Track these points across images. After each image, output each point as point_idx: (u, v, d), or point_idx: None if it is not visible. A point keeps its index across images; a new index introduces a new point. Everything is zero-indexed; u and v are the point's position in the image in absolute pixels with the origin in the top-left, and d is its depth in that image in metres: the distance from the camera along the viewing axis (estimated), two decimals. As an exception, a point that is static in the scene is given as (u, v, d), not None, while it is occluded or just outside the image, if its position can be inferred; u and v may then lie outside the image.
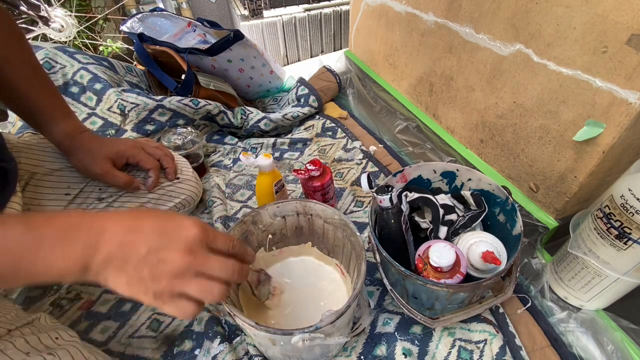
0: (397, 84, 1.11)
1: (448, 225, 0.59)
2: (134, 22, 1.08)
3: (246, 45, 1.02)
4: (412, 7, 0.92)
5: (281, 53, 1.58)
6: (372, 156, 0.92)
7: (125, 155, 0.60)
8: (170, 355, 0.54)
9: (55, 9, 1.32)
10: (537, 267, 0.66)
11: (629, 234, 0.47)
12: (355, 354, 0.54)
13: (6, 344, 0.37)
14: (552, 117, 0.62)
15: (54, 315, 0.58)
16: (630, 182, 0.46)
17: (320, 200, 0.70)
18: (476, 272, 0.54)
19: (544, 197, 0.69)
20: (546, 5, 0.58)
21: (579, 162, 0.60)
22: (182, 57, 0.95)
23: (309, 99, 1.07)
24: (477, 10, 0.72)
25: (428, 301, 0.53)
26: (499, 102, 0.73)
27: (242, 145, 0.96)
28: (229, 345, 0.54)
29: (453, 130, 0.90)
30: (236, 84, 1.14)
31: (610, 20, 0.50)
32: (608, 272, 0.52)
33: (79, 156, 0.57)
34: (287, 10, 1.50)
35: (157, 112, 0.86)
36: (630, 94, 0.50)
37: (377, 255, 0.55)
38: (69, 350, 0.40)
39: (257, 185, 0.69)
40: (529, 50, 0.63)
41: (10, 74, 0.52)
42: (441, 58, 0.87)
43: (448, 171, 0.64)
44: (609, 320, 0.57)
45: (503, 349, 0.53)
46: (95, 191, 0.61)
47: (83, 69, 0.84)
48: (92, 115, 0.83)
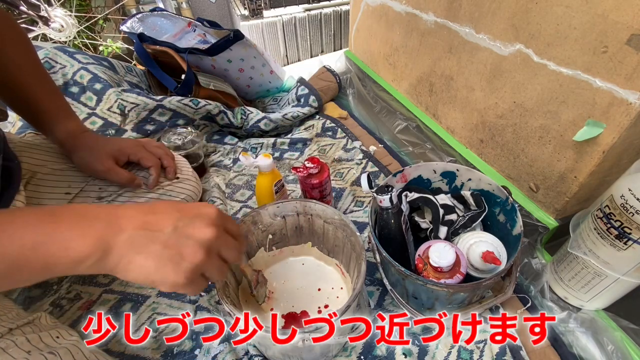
0: (397, 84, 1.11)
1: (448, 225, 0.59)
2: (134, 22, 1.08)
3: (246, 45, 1.02)
4: (412, 7, 0.92)
5: (281, 53, 1.58)
6: (372, 156, 0.92)
7: (126, 152, 0.60)
8: (170, 355, 0.54)
9: (55, 9, 1.32)
10: (537, 267, 0.66)
11: (629, 234, 0.47)
12: (355, 354, 0.54)
13: (7, 342, 0.37)
14: (552, 117, 0.62)
15: (54, 315, 0.58)
16: (630, 182, 0.46)
17: (317, 197, 0.70)
18: (476, 272, 0.54)
19: (544, 197, 0.69)
20: (546, 5, 0.58)
21: (579, 162, 0.60)
22: (182, 57, 0.95)
23: (309, 99, 1.07)
24: (477, 10, 0.72)
25: (428, 301, 0.53)
26: (499, 102, 0.73)
27: (242, 145, 0.96)
28: (229, 345, 0.54)
29: (453, 130, 0.90)
30: (236, 84, 1.14)
31: (610, 20, 0.50)
32: (608, 272, 0.52)
33: (81, 154, 0.57)
34: (287, 10, 1.50)
35: (157, 112, 0.86)
36: (630, 94, 0.50)
37: (377, 255, 0.55)
38: (70, 350, 0.40)
39: (257, 185, 0.69)
40: (529, 50, 0.63)
41: (15, 74, 0.52)
42: (441, 58, 0.87)
43: (448, 171, 0.64)
44: (609, 320, 0.57)
45: (503, 349, 0.53)
46: (95, 190, 0.61)
47: (83, 69, 0.84)
48: (92, 115, 0.83)
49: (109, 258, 0.30)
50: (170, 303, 0.61)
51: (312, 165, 0.66)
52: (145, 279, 0.32)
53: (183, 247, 0.32)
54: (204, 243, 0.33)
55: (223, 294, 0.44)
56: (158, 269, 0.31)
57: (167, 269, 0.32)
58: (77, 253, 0.29)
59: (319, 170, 0.68)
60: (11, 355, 0.36)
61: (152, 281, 0.32)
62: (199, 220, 0.34)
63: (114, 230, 0.31)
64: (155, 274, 0.31)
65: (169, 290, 0.33)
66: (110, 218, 0.31)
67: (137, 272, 0.31)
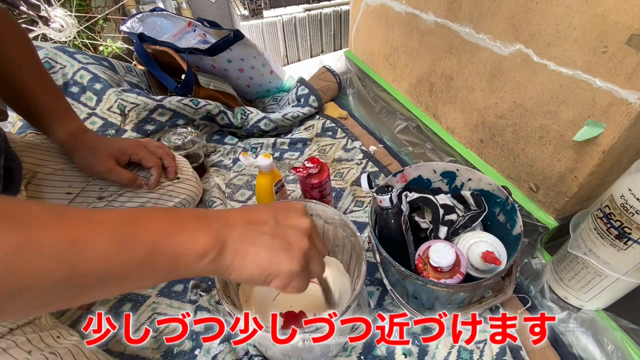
0: (397, 84, 1.11)
1: (448, 225, 0.59)
2: (134, 22, 1.08)
3: (246, 45, 1.02)
4: (412, 7, 0.92)
5: (281, 53, 1.58)
6: (372, 156, 0.92)
7: (127, 152, 0.61)
8: (170, 355, 0.54)
9: (55, 9, 1.32)
10: (537, 267, 0.66)
11: (629, 234, 0.47)
12: (355, 354, 0.54)
13: (8, 342, 0.37)
14: (552, 117, 0.62)
15: (54, 315, 0.58)
16: (630, 182, 0.46)
17: (317, 197, 0.70)
18: (476, 272, 0.54)
19: (544, 197, 0.69)
20: (546, 5, 0.58)
21: (579, 162, 0.60)
22: (182, 57, 0.95)
23: (309, 99, 1.07)
24: (477, 10, 0.72)
25: (428, 301, 0.53)
26: (499, 102, 0.73)
27: (242, 145, 0.96)
28: (229, 345, 0.54)
29: (453, 130, 0.90)
30: (236, 84, 1.14)
31: (610, 20, 0.50)
32: (608, 272, 0.52)
33: (82, 154, 0.58)
34: (287, 10, 1.50)
35: (157, 112, 0.86)
36: (630, 94, 0.50)
37: (377, 255, 0.55)
38: (71, 350, 0.40)
39: (257, 185, 0.69)
40: (529, 50, 0.63)
41: (16, 74, 0.52)
42: (441, 58, 0.87)
43: (448, 171, 0.64)
44: (609, 320, 0.57)
45: (503, 349, 0.53)
46: (96, 190, 0.61)
47: (83, 69, 0.84)
48: (92, 115, 0.83)
49: (225, 253, 0.31)
50: (170, 303, 0.61)
51: (312, 165, 0.66)
52: (262, 272, 0.32)
53: (289, 236, 0.34)
54: (305, 230, 0.35)
55: (223, 294, 0.44)
56: (272, 258, 0.32)
57: (281, 258, 0.32)
58: (202, 245, 0.29)
59: (319, 170, 0.68)
60: (12, 355, 0.36)
61: (268, 274, 0.32)
62: (293, 212, 0.36)
63: (227, 226, 0.32)
64: (270, 265, 0.32)
65: (284, 283, 0.33)
66: (221, 217, 0.33)
67: (254, 265, 0.32)
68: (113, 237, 0.26)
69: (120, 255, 0.26)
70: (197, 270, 0.30)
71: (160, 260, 0.28)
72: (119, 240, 0.26)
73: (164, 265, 0.28)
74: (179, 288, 0.63)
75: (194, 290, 0.62)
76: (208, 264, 0.30)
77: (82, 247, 0.24)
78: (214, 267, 0.31)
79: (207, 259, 0.30)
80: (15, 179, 0.50)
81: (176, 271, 0.29)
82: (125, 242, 0.26)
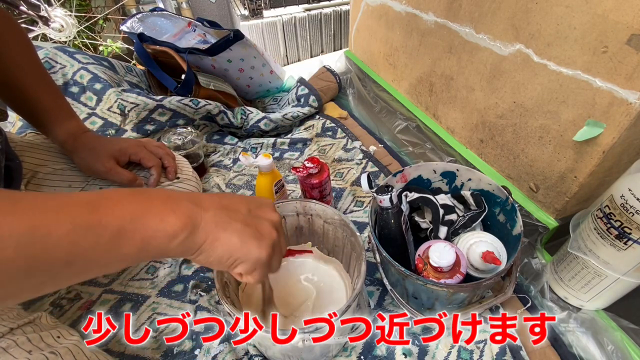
0: (397, 84, 1.11)
1: (448, 225, 0.59)
2: (134, 22, 1.08)
3: (246, 45, 1.02)
4: (412, 7, 0.92)
5: (281, 53, 1.58)
6: (372, 156, 0.92)
7: (127, 152, 0.61)
8: (170, 355, 0.54)
9: (55, 9, 1.32)
10: (537, 267, 0.66)
11: (629, 234, 0.47)
12: (355, 354, 0.54)
13: (9, 342, 0.37)
14: (552, 117, 0.62)
15: (54, 315, 0.58)
16: (630, 182, 0.46)
17: (317, 197, 0.70)
18: (476, 272, 0.54)
19: (544, 197, 0.69)
20: (546, 5, 0.58)
21: (579, 162, 0.60)
22: (182, 57, 0.95)
23: (309, 99, 1.07)
24: (477, 10, 0.72)
25: (428, 301, 0.53)
26: (499, 102, 0.73)
27: (242, 145, 0.96)
28: (229, 345, 0.54)
29: (453, 130, 0.90)
30: (236, 84, 1.14)
31: (611, 20, 0.50)
32: (608, 272, 0.52)
33: (83, 155, 0.58)
34: (287, 10, 1.50)
35: (157, 112, 0.86)
36: (630, 94, 0.50)
37: (377, 255, 0.55)
38: (71, 350, 0.40)
39: (257, 185, 0.69)
40: (529, 50, 0.63)
41: (16, 74, 0.52)
42: (441, 58, 0.87)
43: (448, 171, 0.64)
44: (609, 320, 0.57)
45: (503, 349, 0.53)
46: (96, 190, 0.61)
47: (83, 69, 0.84)
48: (92, 115, 0.83)
49: (197, 234, 0.31)
50: (170, 303, 0.61)
51: (312, 165, 0.66)
52: (230, 256, 0.33)
53: (260, 225, 0.35)
54: (276, 224, 0.37)
55: (223, 294, 0.44)
56: (243, 244, 0.33)
57: (251, 245, 0.33)
58: (172, 226, 0.29)
59: (319, 170, 0.68)
60: (12, 354, 0.36)
61: (235, 258, 0.33)
62: (265, 206, 0.38)
63: (199, 208, 0.32)
64: (240, 250, 0.33)
65: (248, 270, 0.35)
66: (193, 199, 0.33)
67: (223, 249, 0.32)
68: (75, 222, 0.26)
69: (85, 240, 0.26)
70: (170, 251, 0.30)
71: (129, 243, 0.28)
72: (82, 225, 0.26)
73: (134, 248, 0.28)
74: (179, 288, 0.63)
75: (194, 290, 0.62)
76: (179, 245, 0.30)
77: (41, 234, 0.24)
78: (185, 249, 0.31)
79: (178, 240, 0.30)
80: (15, 178, 0.50)
81: (148, 253, 0.29)
82: (89, 228, 0.26)
